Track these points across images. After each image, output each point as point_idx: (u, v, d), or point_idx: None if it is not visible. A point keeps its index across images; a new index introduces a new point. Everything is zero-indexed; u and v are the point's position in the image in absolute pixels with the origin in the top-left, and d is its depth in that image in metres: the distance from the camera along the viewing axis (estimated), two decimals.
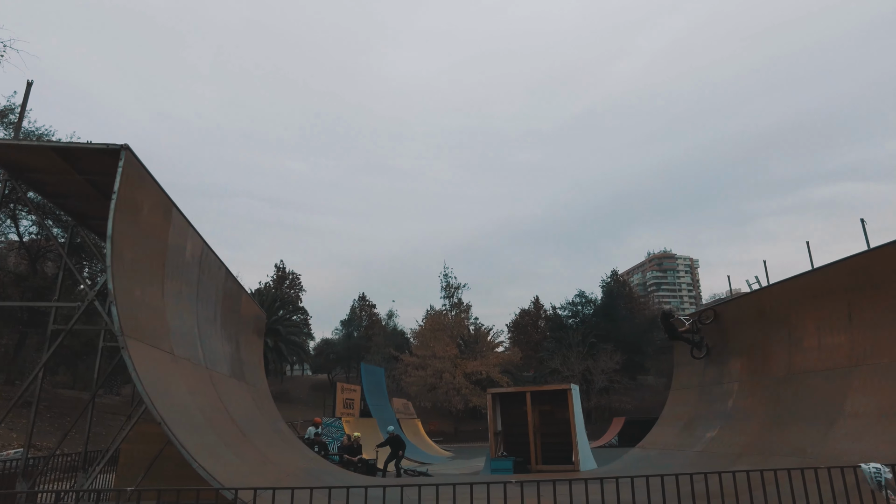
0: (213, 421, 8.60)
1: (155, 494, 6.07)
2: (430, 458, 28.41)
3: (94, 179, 8.94)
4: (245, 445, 9.30)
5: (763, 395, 12.37)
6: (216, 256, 11.62)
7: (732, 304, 15.21)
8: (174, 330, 8.73)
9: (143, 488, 5.99)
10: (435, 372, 51.79)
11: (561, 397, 18.31)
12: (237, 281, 13.73)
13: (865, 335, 10.10)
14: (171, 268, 9.05)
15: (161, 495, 5.30)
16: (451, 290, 59.48)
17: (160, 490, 5.43)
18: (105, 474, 10.52)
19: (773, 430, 11.24)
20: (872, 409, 9.24)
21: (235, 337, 12.90)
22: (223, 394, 10.04)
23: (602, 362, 55.62)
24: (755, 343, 13.35)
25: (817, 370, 10.97)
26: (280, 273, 67.50)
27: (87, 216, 10.85)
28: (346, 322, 72.51)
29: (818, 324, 11.31)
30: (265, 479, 8.22)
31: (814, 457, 9.28)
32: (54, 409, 24.19)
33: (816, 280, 11.47)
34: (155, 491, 5.68)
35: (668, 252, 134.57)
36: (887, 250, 9.84)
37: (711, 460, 11.82)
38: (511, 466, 17.10)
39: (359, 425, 24.07)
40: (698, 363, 16.04)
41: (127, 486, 6.57)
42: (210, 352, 10.33)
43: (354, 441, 17.77)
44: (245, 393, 12.11)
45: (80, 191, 9.48)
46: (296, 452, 12.62)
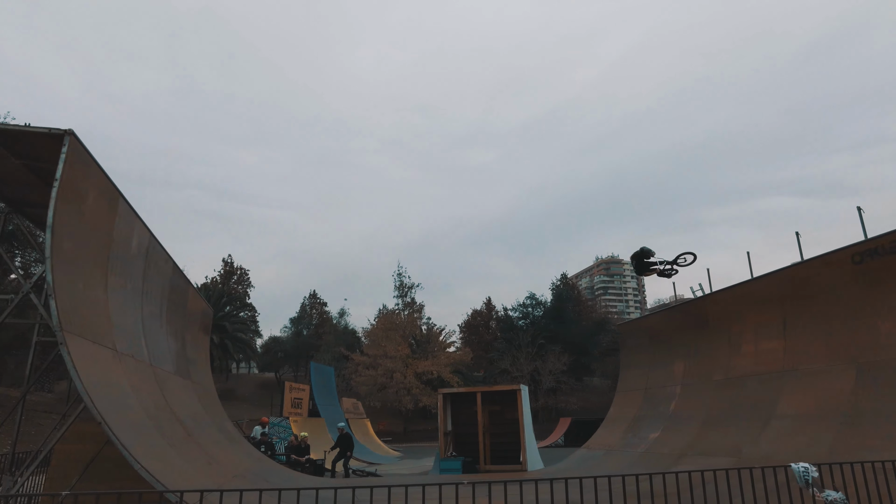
0: (157, 420, 8.28)
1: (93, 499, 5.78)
2: (378, 458, 28.25)
3: (34, 165, 8.44)
4: (190, 445, 9.00)
5: (704, 397, 12.92)
6: (163, 249, 11.20)
7: (677, 310, 15.82)
8: (117, 325, 8.36)
9: (80, 492, 5.70)
10: (386, 371, 51.51)
11: (510, 398, 18.57)
12: (184, 275, 13.27)
13: (798, 342, 10.72)
14: (115, 260, 8.66)
15: (100, 499, 5.06)
16: (405, 290, 59.32)
17: (99, 494, 5.18)
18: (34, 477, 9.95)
19: (712, 431, 11.76)
20: (801, 411, 9.81)
21: (181, 333, 12.47)
22: (168, 392, 9.68)
23: (550, 363, 56.70)
24: (698, 348, 13.94)
25: (754, 374, 11.56)
26: (228, 268, 65.57)
27: (23, 203, 10.23)
28: (296, 320, 71.16)
29: (756, 330, 11.92)
30: (211, 481, 7.98)
31: (748, 456, 9.77)
32: None
33: (755, 289, 12.08)
34: (93, 495, 5.41)
35: (616, 257, 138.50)
36: (817, 263, 10.48)
37: (655, 460, 12.26)
38: (460, 466, 17.22)
39: (307, 425, 23.67)
40: (644, 367, 16.60)
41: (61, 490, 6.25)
42: (155, 348, 9.94)
43: (302, 441, 17.47)
44: (191, 391, 11.71)
45: (17, 176, 8.92)
46: (242, 453, 12.30)
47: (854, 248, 9.72)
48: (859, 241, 9.72)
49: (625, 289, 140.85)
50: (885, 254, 9.18)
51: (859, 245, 9.65)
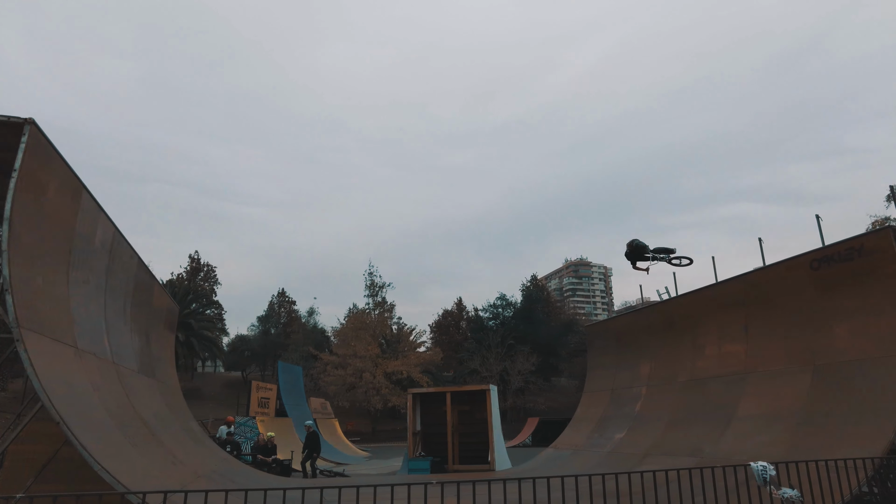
0: (119, 419, 8.06)
1: (49, 501, 5.60)
2: (346, 458, 28.05)
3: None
4: (154, 445, 8.79)
5: (668, 398, 13.22)
6: (128, 244, 10.91)
7: (645, 311, 16.15)
8: (79, 322, 8.10)
9: (36, 494, 5.51)
10: (355, 371, 51.17)
11: (480, 397, 18.67)
12: (149, 271, 12.95)
13: (759, 345, 11.07)
14: (77, 255, 8.39)
15: (57, 501, 4.89)
16: (376, 289, 59.02)
17: (56, 496, 5.01)
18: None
19: (676, 431, 12.04)
20: (761, 412, 10.14)
21: (146, 330, 12.16)
22: (131, 390, 9.43)
23: (519, 363, 57.18)
24: (663, 350, 14.25)
25: (717, 376, 11.89)
26: (194, 264, 64.24)
27: None
28: (264, 318, 70.13)
29: (719, 333, 12.25)
30: (175, 481, 7.81)
31: (710, 456, 10.04)
32: None
33: (718, 293, 12.42)
34: (50, 497, 5.23)
35: (585, 260, 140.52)
36: (778, 269, 10.85)
37: (620, 460, 12.49)
38: (428, 466, 17.24)
39: (274, 425, 23.34)
40: (610, 367, 16.88)
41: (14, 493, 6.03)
42: (118, 346, 9.67)
43: (269, 441, 17.23)
44: (155, 390, 11.44)
45: None
46: (207, 453, 12.06)
47: (812, 254, 10.09)
48: (817, 248, 10.09)
49: (593, 291, 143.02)
50: (840, 261, 9.55)
51: (817, 252, 10.02)
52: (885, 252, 8.86)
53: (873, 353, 8.71)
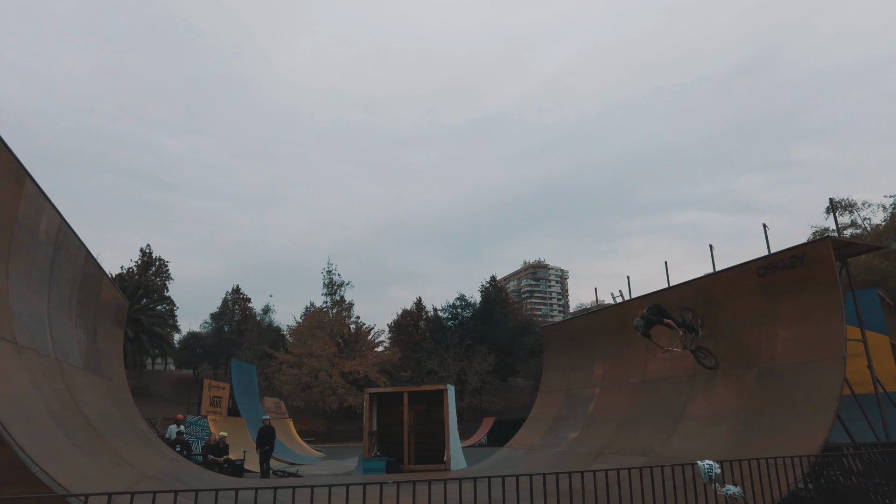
0: (61, 419, 7.71)
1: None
2: (300, 458, 27.62)
3: None
4: (99, 446, 8.44)
5: (621, 399, 13.57)
6: (76, 236, 10.44)
7: (601, 313, 16.52)
8: (18, 315, 7.71)
9: None
10: (311, 371, 50.40)
11: (437, 397, 18.70)
12: (98, 264, 12.43)
13: (708, 347, 11.48)
14: (18, 245, 7.98)
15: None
16: (334, 288, 58.32)
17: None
18: None
19: (627, 431, 12.37)
20: (708, 413, 10.53)
21: (93, 326, 11.68)
22: (75, 388, 9.03)
23: (476, 364, 57.52)
24: (617, 351, 14.62)
25: (667, 378, 12.27)
26: (146, 258, 61.97)
27: None
28: (217, 315, 68.24)
29: (670, 336, 12.64)
30: (120, 483, 7.52)
31: (660, 455, 10.36)
32: None
33: (670, 296, 12.83)
34: None
35: (542, 262, 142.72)
36: (727, 274, 11.29)
37: (574, 459, 12.74)
38: (384, 466, 17.17)
39: (226, 424, 22.78)
40: (565, 368, 17.18)
41: None
42: (62, 341, 9.25)
43: (220, 441, 16.81)
44: (101, 388, 10.99)
45: None
46: (156, 453, 11.66)
47: (759, 261, 10.56)
48: (763, 256, 10.57)
49: (550, 293, 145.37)
50: (784, 268, 10.03)
51: (763, 259, 10.49)
52: (823, 261, 9.36)
53: (809, 357, 9.18)
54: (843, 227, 40.27)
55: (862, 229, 39.20)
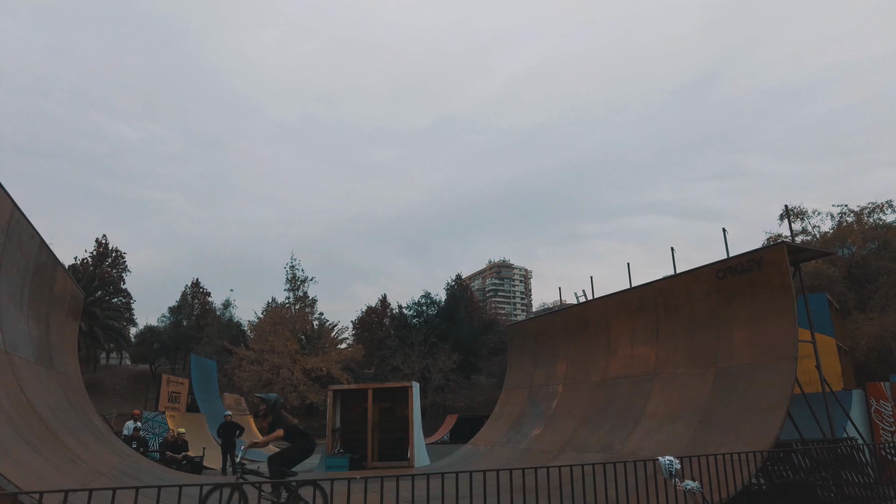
0: (11, 414, 7.39)
1: None
2: (262, 455, 27.16)
3: None
4: (51, 442, 8.12)
5: (583, 397, 13.83)
6: (29, 224, 10.01)
7: (563, 312, 16.79)
8: None
9: None
10: (272, 367, 49.58)
11: (401, 394, 18.69)
12: (53, 254, 11.93)
13: (667, 347, 11.82)
14: None
15: None
16: (297, 283, 57.45)
17: None
18: None
19: (588, 428, 12.62)
20: (667, 411, 10.84)
21: (45, 318, 11.22)
22: (26, 383, 8.66)
23: (440, 361, 57.64)
24: (579, 350, 14.89)
25: (628, 376, 12.57)
26: (101, 249, 59.79)
27: None
28: (176, 309, 66.43)
29: (632, 335, 12.96)
30: (74, 481, 7.26)
31: (619, 452, 10.62)
32: None
33: (632, 297, 13.15)
34: None
35: (507, 262, 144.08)
36: (687, 277, 11.63)
37: (536, 456, 12.92)
38: (346, 463, 17.07)
39: (185, 421, 22.20)
40: (528, 366, 17.40)
41: None
42: (12, 334, 8.86)
43: (179, 437, 16.40)
44: (53, 382, 10.56)
45: None
46: (111, 450, 11.29)
47: (718, 265, 10.92)
48: (723, 259, 10.94)
49: (513, 292, 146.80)
50: (742, 272, 10.40)
51: (722, 263, 10.86)
52: (779, 265, 9.75)
53: (763, 357, 9.57)
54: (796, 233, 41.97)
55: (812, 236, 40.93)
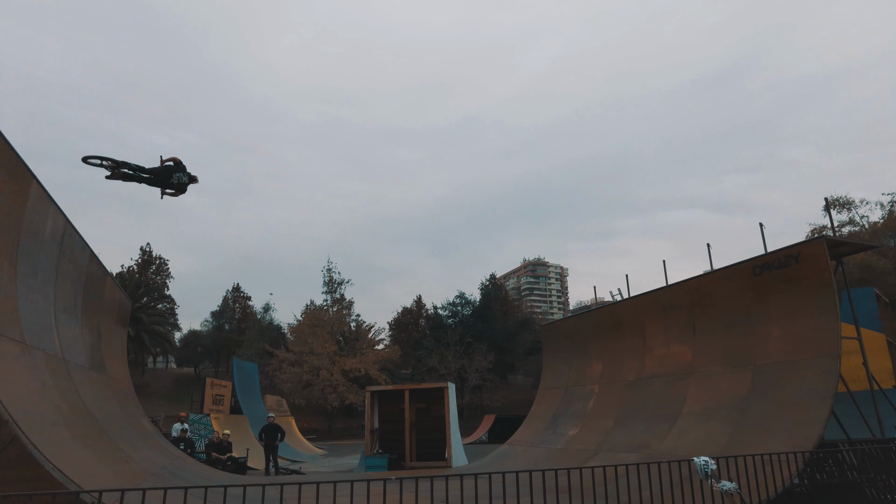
0: (69, 417, 7.86)
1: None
2: (302, 455, 27.80)
3: None
4: (105, 443, 8.59)
5: (617, 396, 13.72)
6: (80, 236, 10.58)
7: (596, 312, 16.67)
8: (26, 316, 7.85)
9: None
10: (312, 369, 50.60)
11: (437, 395, 18.85)
12: (102, 264, 12.56)
13: (703, 346, 11.64)
14: (24, 247, 8.11)
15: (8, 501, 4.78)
16: (334, 286, 58.48)
17: (7, 496, 4.90)
18: None
19: (624, 428, 12.53)
20: (703, 410, 10.68)
21: (97, 326, 11.81)
22: (81, 387, 9.17)
23: (476, 361, 57.73)
24: (613, 349, 14.77)
25: (663, 375, 12.42)
26: (146, 257, 62.14)
27: None
28: (218, 314, 68.47)
29: (667, 334, 12.80)
30: (127, 480, 7.67)
31: (656, 452, 10.52)
32: None
33: (667, 296, 12.98)
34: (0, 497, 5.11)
35: (542, 259, 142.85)
36: (722, 274, 11.44)
37: (571, 456, 12.89)
38: (386, 464, 17.32)
39: (228, 422, 22.94)
40: (563, 366, 17.34)
41: None
42: (67, 341, 9.39)
43: (224, 439, 16.98)
44: (105, 386, 11.13)
45: None
46: (159, 450, 11.82)
47: (754, 260, 10.70)
48: (759, 255, 10.71)
49: (549, 290, 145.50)
50: (779, 267, 10.17)
51: (758, 258, 10.63)
52: (818, 260, 9.50)
53: (803, 354, 9.33)
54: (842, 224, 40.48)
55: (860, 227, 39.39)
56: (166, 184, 8.76)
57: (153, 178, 8.73)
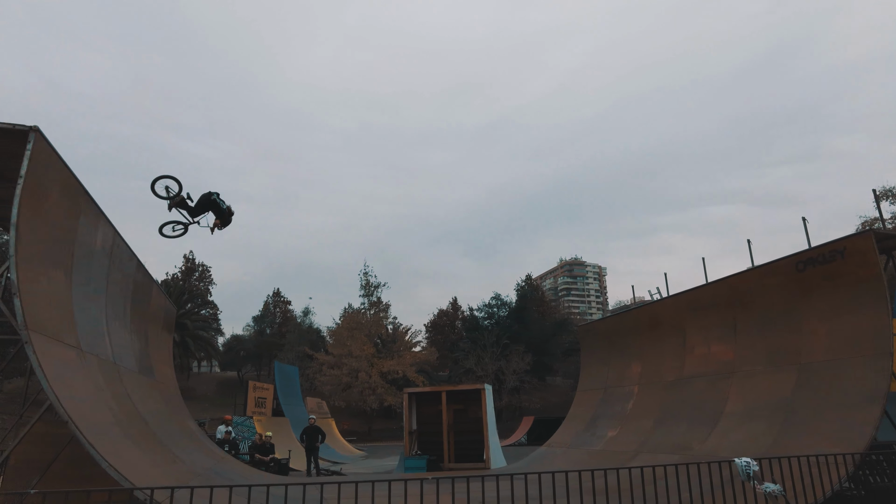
0: (122, 419, 8.25)
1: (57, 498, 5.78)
2: (343, 457, 28.22)
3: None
4: (154, 444, 8.97)
5: (657, 397, 13.49)
6: (127, 247, 11.07)
7: (634, 312, 16.42)
8: (81, 324, 8.28)
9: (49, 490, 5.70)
10: (350, 371, 51.26)
11: (474, 396, 18.89)
12: (148, 272, 13.10)
13: (745, 344, 11.35)
14: (78, 258, 8.57)
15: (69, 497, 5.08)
16: (371, 289, 59.12)
17: (68, 491, 5.20)
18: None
19: (664, 429, 12.31)
20: (746, 409, 10.41)
21: (145, 331, 12.33)
22: (132, 391, 9.61)
23: (514, 363, 57.40)
24: (652, 349, 14.53)
25: (704, 375, 12.16)
26: (189, 264, 64.16)
27: None
28: (259, 318, 70.12)
29: (707, 333, 12.53)
30: (174, 479, 7.99)
31: (698, 453, 10.30)
32: None
33: (706, 294, 12.70)
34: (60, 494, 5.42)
35: (579, 259, 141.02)
36: (764, 270, 11.12)
37: (611, 458, 12.73)
38: (425, 465, 17.45)
39: (271, 424, 23.51)
40: (602, 367, 17.14)
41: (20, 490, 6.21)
42: (118, 347, 9.85)
43: (266, 441, 17.41)
44: (153, 390, 11.61)
45: None
46: (205, 451, 12.24)
47: (797, 256, 10.37)
48: (802, 250, 10.37)
49: (587, 290, 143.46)
50: (823, 263, 9.82)
51: (802, 254, 10.30)
52: (866, 255, 9.14)
53: (852, 352, 9.00)
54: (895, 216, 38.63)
55: None
56: (214, 210, 9.14)
57: (198, 207, 9.18)
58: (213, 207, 9.06)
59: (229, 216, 9.26)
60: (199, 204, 9.00)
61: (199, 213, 9.00)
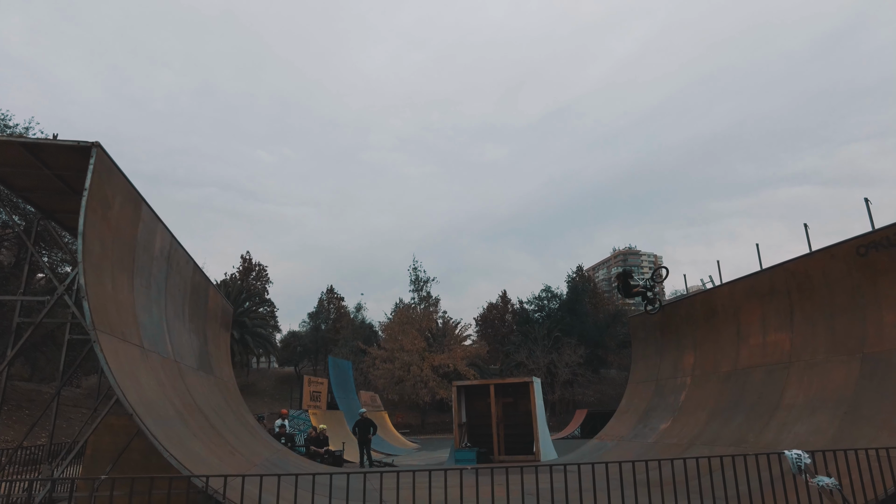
0: (182, 412, 8.75)
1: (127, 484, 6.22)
2: (396, 449, 28.77)
3: (63, 174, 8.94)
4: (213, 436, 9.47)
5: (712, 388, 13.09)
6: (184, 251, 11.66)
7: (688, 301, 15.96)
8: (143, 324, 8.82)
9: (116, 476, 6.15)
10: (402, 365, 52.06)
11: (523, 390, 18.87)
12: (204, 274, 13.76)
13: (804, 333, 10.86)
14: (139, 263, 9.12)
15: (135, 484, 5.49)
16: (421, 284, 59.73)
17: (133, 478, 5.61)
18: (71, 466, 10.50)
19: (719, 421, 11.95)
20: (806, 401, 9.98)
21: (203, 330, 12.96)
22: (191, 386, 10.16)
23: (566, 356, 56.77)
24: (706, 339, 14.09)
25: (761, 365, 11.72)
26: (246, 264, 66.60)
27: (53, 210, 10.77)
28: (314, 315, 72.05)
29: (763, 322, 12.06)
30: (233, 469, 8.42)
31: (754, 446, 9.96)
32: (11, 402, 23.58)
33: (762, 281, 12.21)
34: (127, 480, 5.85)
35: (633, 248, 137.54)
36: (823, 255, 10.59)
37: (663, 450, 12.48)
38: (475, 457, 17.59)
39: (325, 418, 24.24)
40: (654, 358, 16.76)
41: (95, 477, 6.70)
42: (178, 345, 10.42)
43: (321, 433, 17.98)
44: (212, 385, 12.22)
45: (47, 184, 9.44)
46: (262, 444, 12.80)
47: (858, 240, 9.82)
48: (864, 234, 9.81)
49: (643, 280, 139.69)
50: (889, 246, 9.27)
51: (863, 237, 9.75)
52: None
53: None
54: None
55: None
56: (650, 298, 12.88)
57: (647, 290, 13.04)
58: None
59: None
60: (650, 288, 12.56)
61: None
